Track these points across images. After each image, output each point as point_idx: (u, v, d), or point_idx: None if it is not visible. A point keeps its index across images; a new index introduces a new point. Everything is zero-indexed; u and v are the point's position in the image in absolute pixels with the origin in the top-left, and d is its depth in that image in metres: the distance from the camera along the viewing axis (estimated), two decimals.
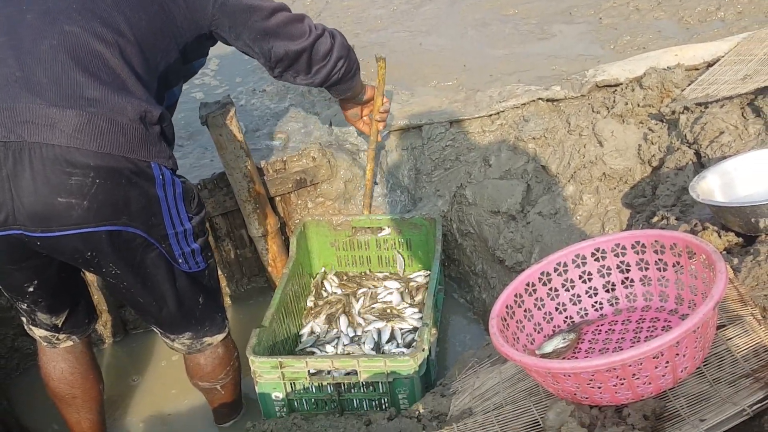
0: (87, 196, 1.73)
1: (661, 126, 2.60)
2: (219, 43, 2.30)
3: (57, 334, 2.24)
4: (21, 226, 1.75)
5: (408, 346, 2.68)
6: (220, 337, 2.35)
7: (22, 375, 2.96)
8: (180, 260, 2.05)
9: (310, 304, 2.96)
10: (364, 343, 2.71)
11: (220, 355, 2.38)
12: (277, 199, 3.04)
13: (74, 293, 2.26)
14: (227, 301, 3.13)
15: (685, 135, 2.45)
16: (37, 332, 2.23)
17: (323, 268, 3.10)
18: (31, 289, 2.02)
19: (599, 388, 1.34)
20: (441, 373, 2.73)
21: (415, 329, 2.75)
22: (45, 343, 2.27)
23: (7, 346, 2.90)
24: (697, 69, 2.83)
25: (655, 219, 2.28)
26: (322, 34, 2.21)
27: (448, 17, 4.01)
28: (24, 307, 2.11)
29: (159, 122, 1.87)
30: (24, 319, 2.22)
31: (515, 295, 1.62)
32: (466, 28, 3.83)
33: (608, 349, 1.57)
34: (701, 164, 2.35)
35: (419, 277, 2.99)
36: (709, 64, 2.82)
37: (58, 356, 2.30)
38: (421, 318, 2.80)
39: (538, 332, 1.64)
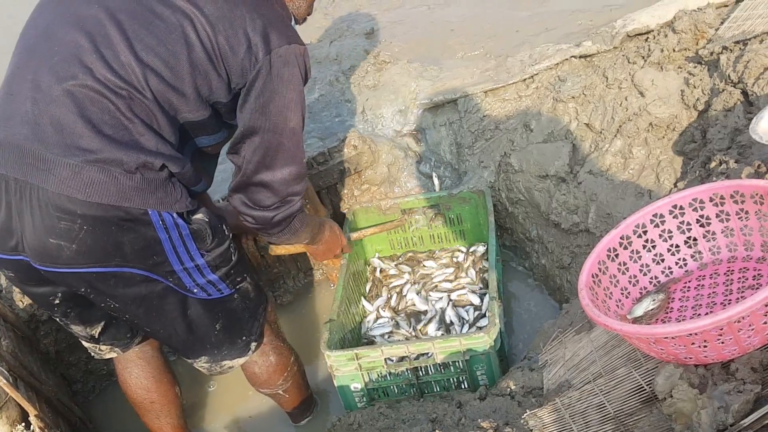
0: (75, 240, 1.80)
1: (701, 68, 2.56)
2: None
3: (98, 345, 2.26)
4: (27, 255, 1.86)
5: (474, 322, 2.69)
6: (240, 360, 2.27)
7: (99, 396, 3.01)
8: (195, 290, 2.03)
9: (368, 290, 2.98)
10: (430, 324, 2.72)
11: (273, 363, 2.37)
12: (323, 191, 3.04)
13: None
14: (286, 298, 3.15)
15: (728, 75, 2.41)
16: (84, 343, 2.27)
17: (377, 254, 3.12)
18: (57, 302, 2.07)
19: (704, 347, 1.34)
20: (511, 343, 2.75)
21: (476, 305, 2.76)
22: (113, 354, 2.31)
23: (81, 369, 2.95)
24: (727, 6, 2.77)
25: (713, 164, 2.25)
26: (286, 216, 2.08)
27: None
28: (57, 320, 2.17)
29: (162, 170, 1.86)
30: None
31: (599, 263, 1.61)
32: None
33: (701, 305, 1.56)
34: (749, 103, 2.32)
35: (473, 250, 2.99)
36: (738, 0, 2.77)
37: (129, 362, 2.36)
38: (480, 292, 2.81)
39: (626, 297, 1.64)
